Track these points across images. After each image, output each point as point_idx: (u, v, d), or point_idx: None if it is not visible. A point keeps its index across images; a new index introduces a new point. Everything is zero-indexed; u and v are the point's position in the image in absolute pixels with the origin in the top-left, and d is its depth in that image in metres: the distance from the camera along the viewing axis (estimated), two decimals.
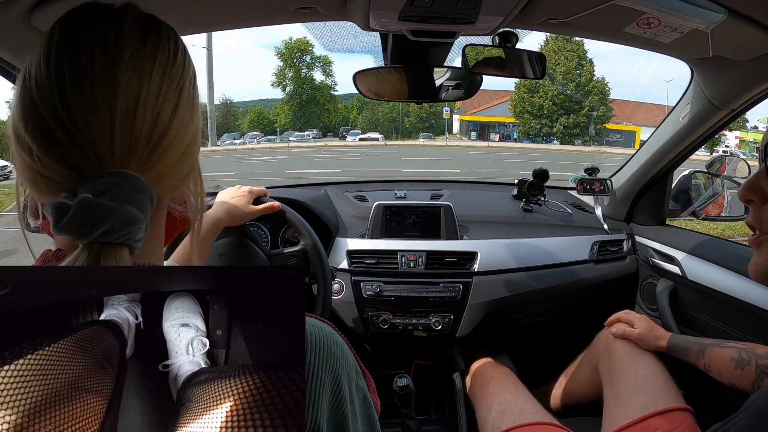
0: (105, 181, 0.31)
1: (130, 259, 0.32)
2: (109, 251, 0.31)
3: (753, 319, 1.04)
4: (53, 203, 0.30)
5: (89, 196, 0.30)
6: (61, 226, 0.30)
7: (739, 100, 1.02)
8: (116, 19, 0.34)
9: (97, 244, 0.30)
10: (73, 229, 0.30)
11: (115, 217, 0.30)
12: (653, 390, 0.91)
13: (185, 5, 0.77)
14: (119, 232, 0.30)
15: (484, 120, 27.69)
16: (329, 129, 28.93)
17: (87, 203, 0.30)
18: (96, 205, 0.30)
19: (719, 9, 0.73)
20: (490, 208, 1.53)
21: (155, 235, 0.38)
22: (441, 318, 1.26)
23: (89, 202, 0.30)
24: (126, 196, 0.31)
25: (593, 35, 0.95)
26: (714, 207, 1.34)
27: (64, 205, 0.30)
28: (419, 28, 0.83)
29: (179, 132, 0.35)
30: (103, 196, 0.30)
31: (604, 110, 24.41)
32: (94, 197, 0.30)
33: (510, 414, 1.00)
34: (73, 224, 0.29)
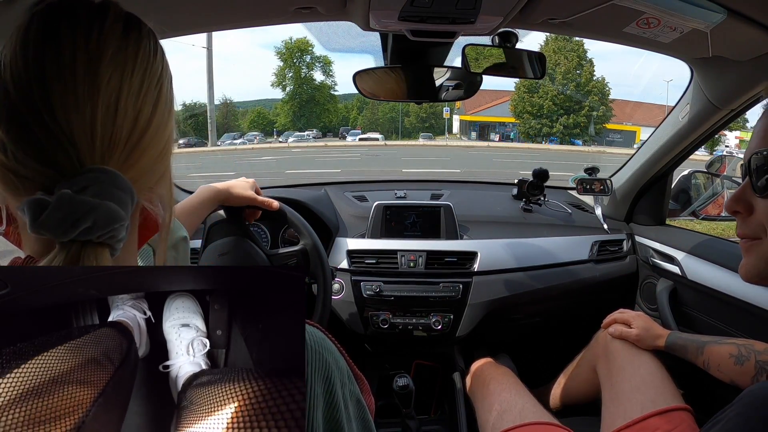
0: (85, 177, 0.30)
1: (110, 261, 0.30)
2: (89, 251, 0.29)
3: (753, 319, 1.04)
4: (30, 200, 0.28)
5: (69, 192, 0.28)
6: (39, 224, 0.28)
7: (738, 99, 1.02)
8: (98, 13, 0.33)
9: (76, 244, 0.29)
10: (52, 227, 0.28)
11: (97, 213, 0.29)
12: (652, 390, 0.91)
13: (185, 5, 0.77)
14: (101, 230, 0.29)
15: (484, 120, 27.69)
16: (329, 129, 28.93)
17: (67, 199, 0.28)
18: (77, 200, 0.28)
19: (719, 9, 0.73)
20: (490, 208, 1.53)
21: (131, 238, 0.37)
22: (441, 318, 1.26)
23: (70, 198, 0.28)
24: (107, 192, 0.30)
25: (593, 35, 0.95)
26: (714, 207, 1.34)
27: (42, 202, 0.28)
28: (419, 28, 0.83)
29: (158, 131, 0.35)
30: (83, 193, 0.29)
31: (604, 110, 24.42)
32: (74, 193, 0.29)
33: (510, 414, 1.00)
34: (52, 221, 0.28)
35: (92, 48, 0.32)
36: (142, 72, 0.33)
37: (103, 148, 0.31)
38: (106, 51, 0.32)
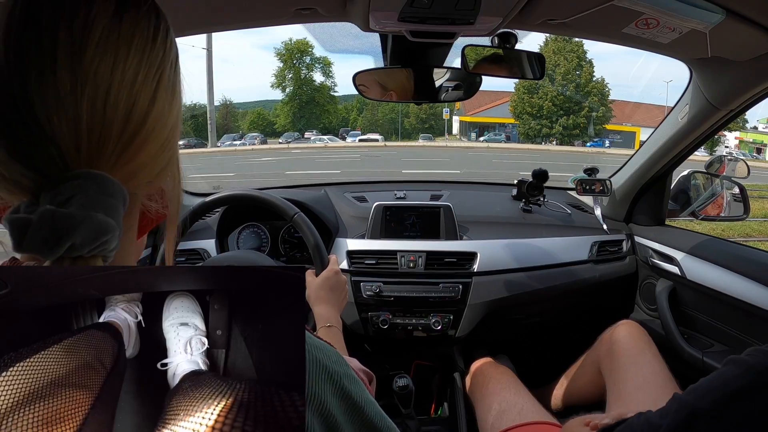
0: (70, 185, 0.27)
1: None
2: (80, 265, 0.27)
3: (752, 319, 1.04)
4: (11, 219, 0.26)
5: (51, 208, 0.26)
6: (22, 246, 0.26)
7: (737, 100, 1.03)
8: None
9: (67, 260, 0.27)
10: (36, 248, 0.26)
11: (82, 229, 0.26)
12: (654, 389, 0.92)
13: (185, 5, 0.77)
14: (90, 245, 0.27)
15: (483, 121, 27.71)
16: (329, 130, 28.94)
17: (49, 216, 0.25)
18: (60, 216, 0.26)
19: (717, 9, 0.73)
20: (490, 209, 1.53)
21: (128, 237, 0.34)
22: (441, 318, 1.26)
23: (52, 214, 0.26)
24: (94, 201, 0.27)
25: (592, 36, 0.96)
26: (713, 207, 1.35)
27: (24, 221, 0.25)
28: (419, 28, 0.83)
29: (157, 125, 0.31)
30: (67, 205, 0.26)
31: (604, 111, 24.45)
32: (57, 207, 0.26)
33: (510, 414, 1.00)
34: (35, 242, 0.25)
35: (77, 32, 0.28)
36: (138, 59, 0.29)
37: (90, 148, 0.28)
38: (93, 35, 0.28)
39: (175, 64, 0.33)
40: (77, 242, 0.26)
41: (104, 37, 0.28)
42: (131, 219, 0.34)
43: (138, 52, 0.30)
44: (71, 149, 0.27)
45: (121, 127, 0.29)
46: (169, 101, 0.32)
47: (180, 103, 0.34)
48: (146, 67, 0.30)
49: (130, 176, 0.30)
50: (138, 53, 0.30)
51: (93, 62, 0.28)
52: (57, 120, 0.27)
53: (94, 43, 0.28)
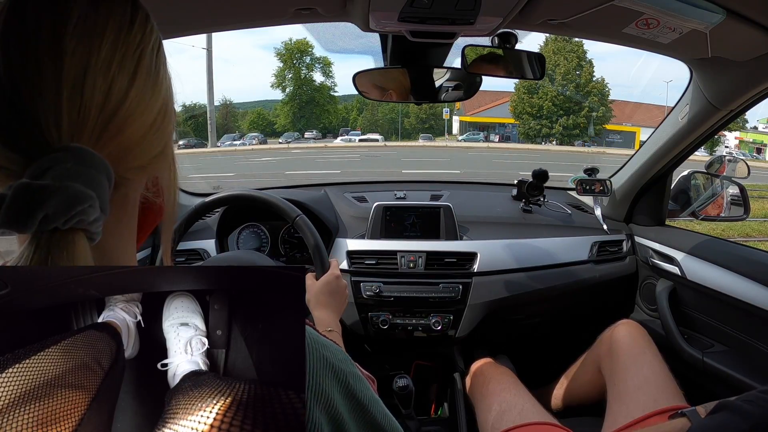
0: (46, 158, 0.27)
1: (87, 247, 0.28)
2: (59, 239, 0.27)
3: (752, 320, 1.04)
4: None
5: (26, 181, 0.26)
6: (1, 224, 0.26)
7: (738, 100, 1.03)
8: None
9: (45, 234, 0.26)
10: (11, 223, 0.26)
11: (55, 199, 0.26)
12: (654, 389, 0.92)
13: (186, 5, 0.77)
14: (64, 216, 0.26)
15: (483, 121, 27.71)
16: (329, 130, 28.95)
17: (22, 189, 0.26)
18: (32, 188, 0.26)
19: (718, 9, 0.74)
20: (490, 209, 1.53)
21: (123, 223, 0.34)
22: (441, 318, 1.26)
23: (26, 187, 0.26)
24: (72, 172, 0.27)
25: (592, 36, 0.96)
26: (713, 207, 1.35)
27: (0, 198, 0.26)
28: (419, 29, 0.83)
29: (139, 104, 0.32)
30: (43, 177, 0.26)
31: (604, 111, 24.45)
32: (33, 180, 0.26)
33: (510, 414, 1.00)
34: (10, 216, 0.25)
35: (57, 16, 0.29)
36: (112, 40, 0.31)
37: (71, 125, 0.29)
38: (70, 19, 0.29)
39: (157, 49, 0.34)
40: (50, 212, 0.26)
41: (81, 21, 0.30)
42: (126, 206, 0.34)
43: (112, 34, 0.31)
44: (52, 127, 0.28)
45: (99, 107, 0.30)
46: (152, 84, 0.33)
47: (168, 90, 0.35)
48: (123, 48, 0.31)
49: (117, 156, 0.30)
50: (112, 35, 0.31)
51: (70, 44, 0.29)
52: (40, 100, 0.28)
53: (71, 26, 0.29)
